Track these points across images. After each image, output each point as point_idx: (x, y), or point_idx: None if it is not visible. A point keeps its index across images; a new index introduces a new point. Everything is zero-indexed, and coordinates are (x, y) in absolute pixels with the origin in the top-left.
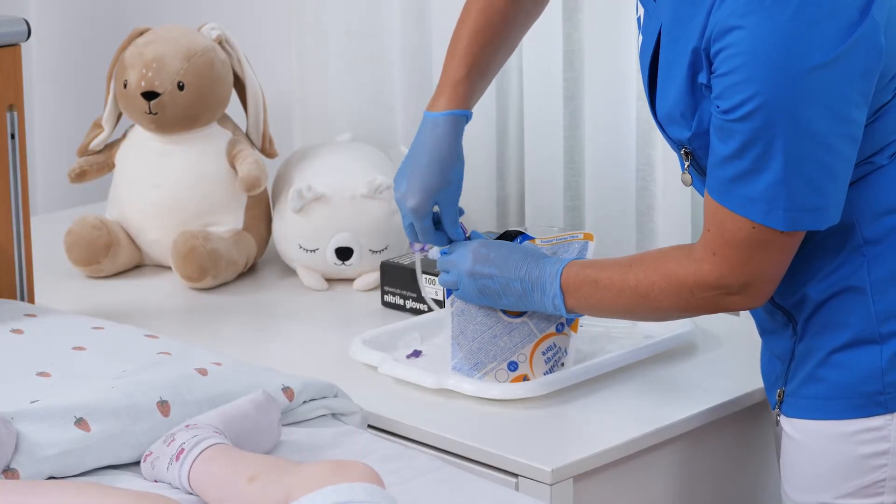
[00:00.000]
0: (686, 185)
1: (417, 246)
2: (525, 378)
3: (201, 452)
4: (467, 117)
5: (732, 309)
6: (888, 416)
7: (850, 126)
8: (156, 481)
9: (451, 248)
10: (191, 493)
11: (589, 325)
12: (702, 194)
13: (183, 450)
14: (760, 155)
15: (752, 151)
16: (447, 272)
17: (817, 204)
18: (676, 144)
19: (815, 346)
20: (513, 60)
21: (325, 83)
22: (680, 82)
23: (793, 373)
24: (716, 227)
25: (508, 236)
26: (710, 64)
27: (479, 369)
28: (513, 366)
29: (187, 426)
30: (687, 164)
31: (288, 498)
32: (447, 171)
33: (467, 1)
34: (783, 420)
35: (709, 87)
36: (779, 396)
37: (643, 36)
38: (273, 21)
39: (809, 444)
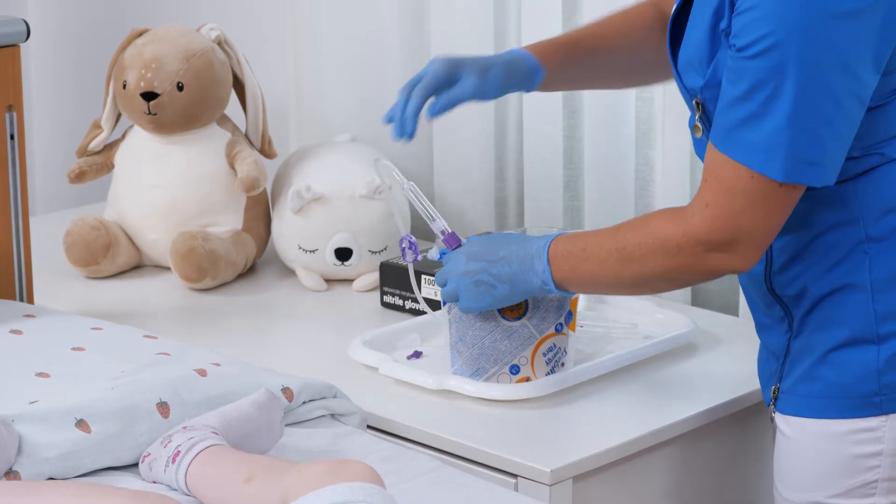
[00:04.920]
0: (697, 135)
1: (410, 255)
2: (527, 380)
3: (197, 454)
4: (533, 69)
5: (717, 269)
6: (883, 418)
7: (860, 86)
8: (154, 482)
9: (445, 259)
10: (188, 495)
11: (589, 325)
12: (702, 160)
13: (179, 452)
14: (769, 97)
15: (761, 93)
16: (444, 285)
17: (817, 158)
18: (689, 94)
19: (811, 343)
20: None
21: (321, 84)
22: (703, 28)
23: (788, 369)
24: (713, 177)
25: None
26: (733, 6)
27: (480, 375)
28: (514, 369)
29: (184, 427)
30: (698, 114)
31: (286, 498)
32: (482, 70)
33: (616, 12)
34: (777, 417)
35: (728, 31)
36: (773, 393)
37: None
38: (271, 22)
39: (803, 442)
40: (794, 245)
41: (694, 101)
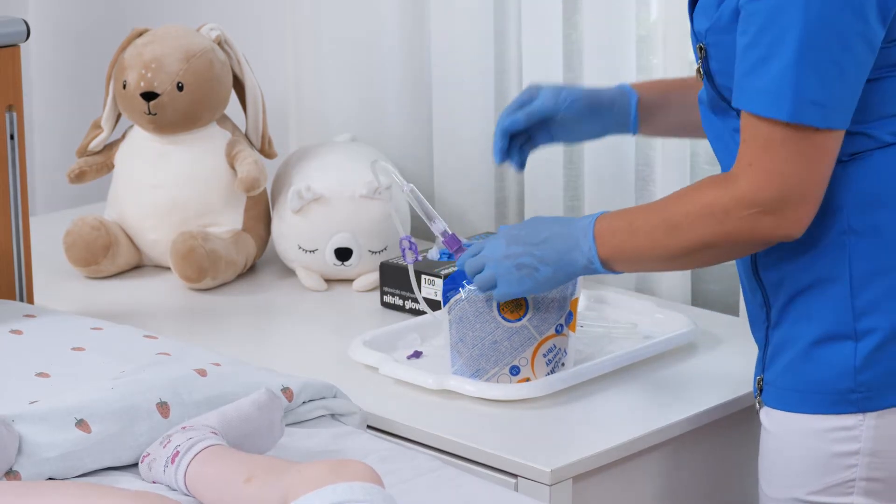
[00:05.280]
0: (699, 78)
1: (410, 256)
2: (527, 381)
3: (196, 455)
4: (629, 94)
5: (767, 235)
6: (860, 416)
7: (868, 29)
8: (154, 482)
9: (479, 248)
10: (188, 495)
11: (589, 326)
12: (707, 129)
13: (178, 452)
14: (776, 39)
15: (768, 35)
16: (479, 271)
17: (823, 99)
18: (696, 38)
19: (792, 335)
20: (512, 61)
21: (321, 84)
22: None
23: (769, 361)
24: (749, 138)
25: None
26: None
27: (480, 375)
28: (515, 370)
29: (183, 428)
30: (701, 58)
31: (286, 498)
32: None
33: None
34: (762, 412)
35: None
36: (758, 384)
37: None
38: (271, 22)
39: (783, 437)
40: None
41: (698, 46)
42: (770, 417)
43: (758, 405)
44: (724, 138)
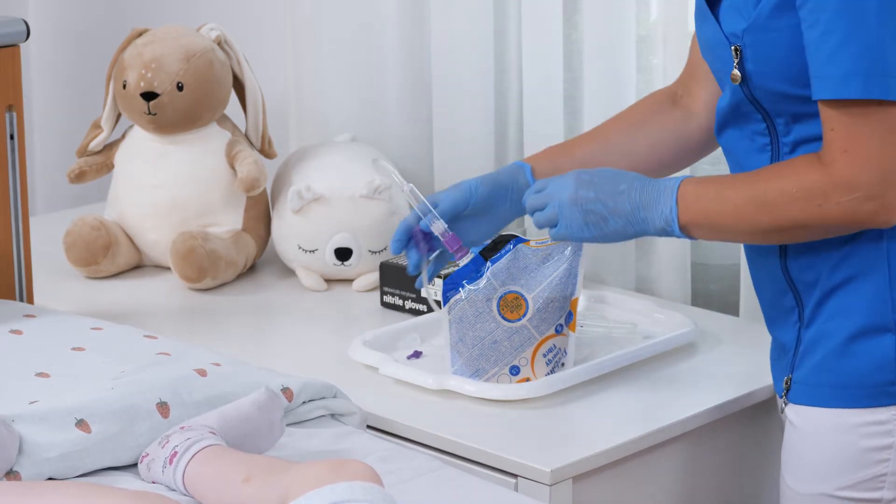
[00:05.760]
0: (735, 82)
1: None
2: (527, 381)
3: (194, 455)
4: (523, 168)
5: (867, 221)
6: (894, 410)
7: None
8: (154, 482)
9: (543, 185)
10: (186, 495)
11: (589, 325)
12: (723, 141)
13: (176, 453)
14: (853, 22)
15: (844, 20)
16: (542, 209)
17: (891, 70)
18: (729, 41)
19: (826, 331)
20: (512, 62)
21: (321, 84)
22: None
23: (800, 360)
24: (840, 125)
25: (502, 241)
26: None
27: (480, 375)
28: (515, 370)
29: (182, 428)
30: (736, 62)
31: (285, 498)
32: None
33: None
34: (788, 408)
35: None
36: (786, 384)
37: None
38: (271, 22)
39: (813, 432)
40: None
41: (733, 49)
42: (797, 412)
43: (783, 404)
44: (743, 144)
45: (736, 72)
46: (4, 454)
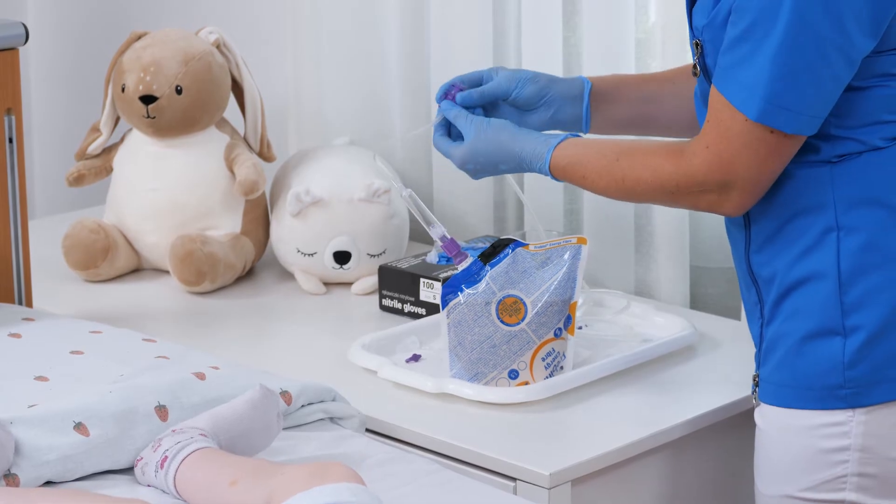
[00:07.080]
0: (694, 75)
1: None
2: (526, 385)
3: (184, 458)
4: (583, 82)
5: (709, 209)
6: (850, 412)
7: (850, 45)
8: (149, 486)
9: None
10: (179, 499)
11: (588, 329)
12: (701, 107)
13: (166, 457)
14: (762, 37)
15: (757, 32)
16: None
17: (793, 105)
18: (693, 35)
19: (784, 331)
20: (512, 64)
21: (320, 86)
22: None
23: (764, 357)
24: (714, 119)
25: (500, 245)
26: None
27: (479, 379)
28: (513, 374)
29: (173, 431)
30: (697, 54)
31: (270, 501)
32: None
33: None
34: (756, 410)
35: None
36: (754, 381)
37: None
38: (271, 23)
39: (775, 433)
40: (770, 225)
41: (694, 42)
42: (763, 415)
43: (754, 402)
44: None
45: (696, 65)
46: (2, 453)
